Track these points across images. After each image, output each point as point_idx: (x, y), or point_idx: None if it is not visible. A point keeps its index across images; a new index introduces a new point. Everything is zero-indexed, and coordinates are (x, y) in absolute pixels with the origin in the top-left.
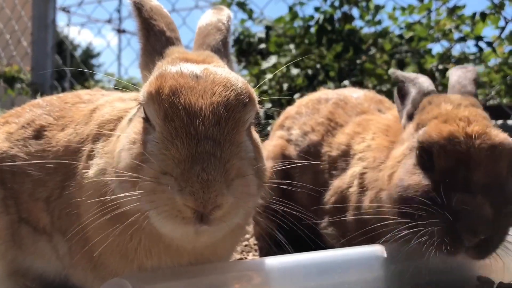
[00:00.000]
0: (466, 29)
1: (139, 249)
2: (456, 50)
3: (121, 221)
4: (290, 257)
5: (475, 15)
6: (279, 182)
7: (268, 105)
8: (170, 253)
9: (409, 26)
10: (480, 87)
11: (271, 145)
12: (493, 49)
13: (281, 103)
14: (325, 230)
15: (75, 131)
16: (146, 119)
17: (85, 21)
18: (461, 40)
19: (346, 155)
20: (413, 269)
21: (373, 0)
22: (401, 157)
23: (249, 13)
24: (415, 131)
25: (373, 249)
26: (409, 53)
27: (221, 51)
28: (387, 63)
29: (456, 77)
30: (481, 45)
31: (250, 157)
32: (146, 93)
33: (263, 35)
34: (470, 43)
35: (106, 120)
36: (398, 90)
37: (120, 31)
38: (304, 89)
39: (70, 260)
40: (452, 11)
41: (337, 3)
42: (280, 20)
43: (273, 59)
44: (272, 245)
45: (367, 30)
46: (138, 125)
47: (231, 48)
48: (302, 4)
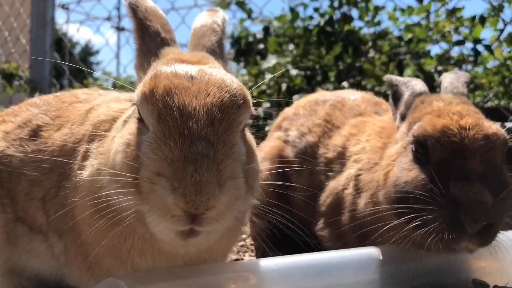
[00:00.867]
0: (465, 31)
1: (133, 250)
2: (455, 51)
3: (115, 223)
4: (286, 259)
5: (474, 17)
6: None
7: (267, 105)
8: (164, 255)
9: (408, 28)
10: (478, 89)
11: (268, 146)
12: (491, 52)
13: (280, 103)
14: (321, 232)
15: (71, 131)
16: (140, 119)
17: (84, 18)
18: (460, 43)
19: (341, 156)
20: (408, 271)
21: (372, 1)
22: (395, 155)
23: (248, 12)
24: (408, 130)
25: (369, 251)
26: (408, 55)
27: (216, 52)
28: (386, 65)
29: (449, 79)
30: (479, 48)
31: (242, 160)
32: (140, 93)
33: (262, 35)
34: (469, 45)
35: (101, 120)
36: (393, 94)
37: (119, 29)
38: (302, 89)
39: (65, 259)
40: (451, 13)
41: (336, 4)
42: (280, 18)
43: (272, 60)
44: (268, 245)
45: (366, 30)
46: (132, 126)
47: (228, 49)
48: (305, 5)
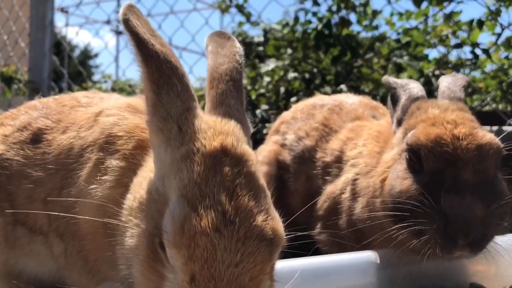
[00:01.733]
0: (463, 35)
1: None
2: (453, 55)
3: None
4: (284, 263)
5: (472, 21)
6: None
7: (265, 108)
8: None
9: (406, 32)
10: (475, 93)
11: (266, 150)
12: (489, 56)
13: (278, 106)
14: (318, 236)
15: (78, 134)
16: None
17: (83, 22)
18: (458, 46)
19: (339, 161)
20: (405, 275)
21: (370, 5)
22: (391, 162)
23: (247, 16)
24: (404, 136)
25: (366, 255)
26: (407, 57)
27: (239, 111)
28: (384, 68)
29: (446, 83)
30: (477, 52)
31: None
32: (172, 232)
33: (261, 38)
34: (467, 48)
35: (115, 135)
36: (391, 96)
37: (118, 32)
38: (301, 92)
39: (64, 261)
40: (449, 17)
41: (334, 8)
42: (284, 26)
43: (271, 64)
44: None
45: (364, 34)
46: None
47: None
48: (306, 11)
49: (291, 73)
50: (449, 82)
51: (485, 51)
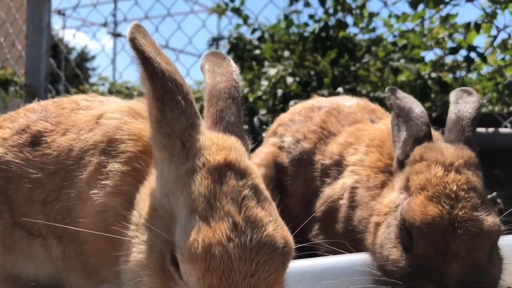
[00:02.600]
0: (459, 37)
1: None
2: (449, 57)
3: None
4: None
5: (468, 24)
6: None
7: (263, 111)
8: None
9: (403, 34)
10: None
11: (263, 152)
12: (484, 61)
13: (276, 109)
14: (315, 238)
15: (78, 136)
16: (174, 263)
17: (80, 24)
18: (454, 51)
19: (338, 165)
20: None
21: (367, 8)
22: (387, 210)
23: (245, 18)
24: (404, 188)
25: (363, 257)
26: (403, 60)
27: (239, 128)
28: (381, 70)
29: (456, 115)
30: (472, 55)
31: None
32: (188, 253)
33: (257, 41)
34: (464, 51)
35: (120, 139)
36: (395, 115)
37: (115, 35)
38: (298, 95)
39: (63, 264)
40: (445, 19)
41: (331, 11)
42: (275, 27)
43: (271, 70)
44: None
45: (361, 37)
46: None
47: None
48: (298, 12)
49: (288, 76)
50: (460, 114)
51: (480, 55)
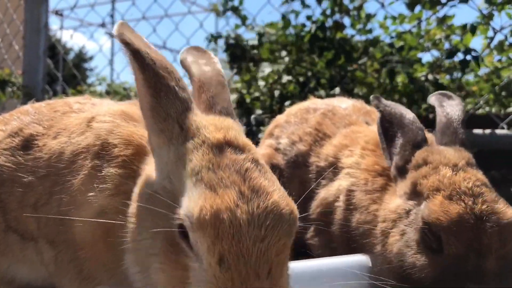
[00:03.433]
0: (456, 38)
1: None
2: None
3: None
4: None
5: (465, 26)
6: None
7: (259, 112)
8: None
9: (400, 35)
10: (469, 96)
11: (259, 153)
12: (478, 65)
13: (273, 110)
14: (311, 240)
15: (69, 139)
16: (185, 237)
17: (78, 24)
18: (451, 55)
19: (333, 166)
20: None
21: (364, 9)
22: (395, 216)
23: (243, 18)
24: (412, 192)
25: (358, 259)
26: (400, 64)
27: (231, 114)
28: (378, 72)
29: (445, 118)
30: (468, 58)
31: None
32: (196, 220)
33: (256, 41)
34: (460, 54)
35: (111, 143)
36: (382, 123)
37: (113, 35)
38: (295, 96)
39: (55, 268)
40: (442, 21)
41: (328, 12)
42: (272, 25)
43: (267, 69)
44: None
45: (358, 38)
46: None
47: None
48: (296, 12)
49: (285, 76)
50: (449, 117)
51: (476, 58)
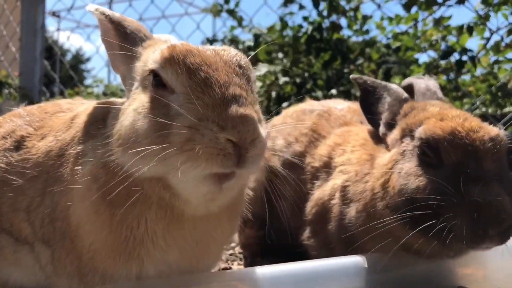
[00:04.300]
0: (453, 39)
1: (145, 237)
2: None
3: (127, 202)
4: (274, 267)
5: (461, 26)
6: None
7: None
8: (178, 231)
9: (396, 36)
10: (465, 96)
11: None
12: (474, 64)
13: (270, 111)
14: (307, 241)
15: (56, 138)
16: (158, 85)
17: (75, 26)
18: (447, 55)
19: (327, 166)
20: (393, 279)
21: (361, 10)
22: (391, 163)
23: (239, 20)
24: (402, 136)
25: (355, 259)
26: (396, 65)
27: None
28: (374, 72)
29: (424, 85)
30: (464, 58)
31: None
32: (161, 58)
33: (252, 43)
34: (456, 54)
35: (92, 121)
36: (364, 97)
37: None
38: (292, 97)
39: (52, 268)
40: (438, 21)
41: (325, 13)
42: (271, 30)
43: (263, 68)
44: (257, 254)
45: (355, 39)
46: (143, 97)
47: None
48: (292, 14)
49: (282, 77)
50: (427, 84)
51: (472, 58)
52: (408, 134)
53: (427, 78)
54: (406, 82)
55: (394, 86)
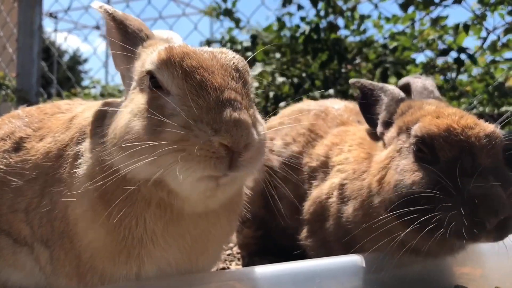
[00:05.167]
0: (450, 39)
1: (145, 236)
2: (440, 59)
3: (128, 201)
4: (272, 267)
5: (458, 26)
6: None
7: None
8: (177, 228)
9: (393, 36)
10: (462, 96)
11: None
12: (474, 62)
13: (267, 111)
14: (305, 241)
15: (54, 139)
16: (154, 87)
17: (72, 27)
18: (444, 53)
19: (325, 166)
20: (391, 278)
21: (358, 10)
22: (387, 160)
23: (237, 21)
24: (399, 134)
25: (353, 259)
26: (393, 64)
27: None
28: (372, 72)
29: (421, 84)
30: (462, 57)
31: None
32: (158, 60)
33: (249, 43)
34: (454, 53)
35: (89, 122)
36: (363, 98)
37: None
38: (290, 97)
39: (51, 268)
40: (435, 21)
41: (322, 13)
42: (268, 29)
43: (259, 67)
44: (255, 254)
45: (352, 39)
46: (140, 98)
47: None
48: (290, 14)
49: (279, 77)
50: (424, 84)
51: (471, 56)
52: (405, 132)
53: (424, 77)
54: (403, 81)
55: (391, 87)
